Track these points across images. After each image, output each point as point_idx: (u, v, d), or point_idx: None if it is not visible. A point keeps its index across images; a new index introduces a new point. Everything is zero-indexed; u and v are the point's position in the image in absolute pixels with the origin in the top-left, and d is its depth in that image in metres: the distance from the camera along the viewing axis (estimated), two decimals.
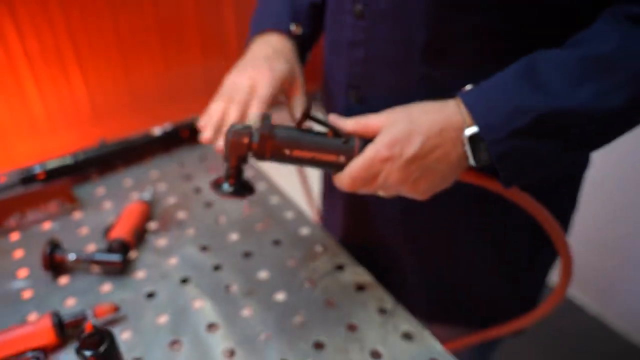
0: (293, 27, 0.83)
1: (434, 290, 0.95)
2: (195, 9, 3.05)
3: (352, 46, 0.77)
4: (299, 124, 0.66)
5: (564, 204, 0.87)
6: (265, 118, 0.66)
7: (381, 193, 0.67)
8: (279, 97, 0.75)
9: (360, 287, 0.85)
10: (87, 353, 0.63)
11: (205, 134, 0.71)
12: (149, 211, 1.00)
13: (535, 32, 0.66)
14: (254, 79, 0.72)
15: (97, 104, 2.97)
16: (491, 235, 0.87)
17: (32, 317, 0.81)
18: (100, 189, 1.08)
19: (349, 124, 0.66)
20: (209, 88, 1.65)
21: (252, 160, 0.68)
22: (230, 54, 3.29)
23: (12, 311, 0.82)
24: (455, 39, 0.69)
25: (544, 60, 0.61)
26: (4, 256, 0.93)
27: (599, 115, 0.59)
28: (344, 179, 0.65)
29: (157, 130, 1.17)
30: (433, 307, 0.97)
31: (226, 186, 0.68)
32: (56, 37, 2.71)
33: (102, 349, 0.63)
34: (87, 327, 0.63)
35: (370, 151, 0.63)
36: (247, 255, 0.92)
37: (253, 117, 0.69)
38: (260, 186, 1.09)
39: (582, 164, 0.86)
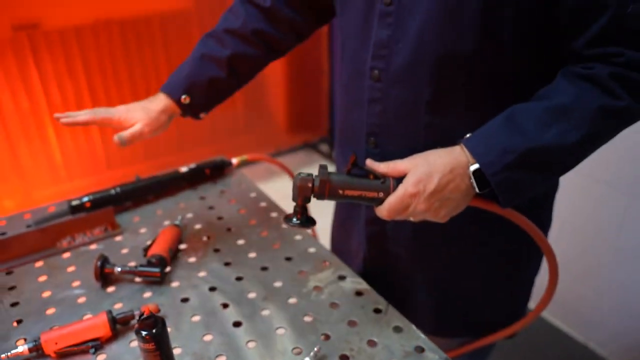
0: (183, 97, 1.09)
1: (442, 307, 1.13)
2: None
3: (371, 103, 0.98)
4: (348, 170, 0.87)
5: (543, 220, 1.07)
6: (322, 167, 0.87)
7: (411, 219, 0.87)
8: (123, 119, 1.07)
9: (359, 293, 1.02)
10: (144, 332, 0.80)
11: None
12: (181, 234, 1.18)
13: (512, 85, 0.89)
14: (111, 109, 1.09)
15: (111, 152, 3.17)
16: (491, 249, 1.06)
17: (88, 316, 0.98)
18: (136, 217, 1.27)
19: (382, 167, 0.87)
20: (215, 136, 1.84)
21: (261, 195, 0.87)
22: (237, 105, 3.53)
23: (71, 312, 1.00)
24: (452, 95, 0.90)
25: (519, 111, 0.83)
26: (60, 271, 1.11)
27: (564, 149, 0.80)
28: (383, 211, 0.85)
29: (183, 168, 1.37)
30: (441, 323, 1.14)
31: (295, 220, 0.89)
32: (77, 87, 2.93)
33: (155, 330, 0.80)
34: (146, 310, 0.80)
35: (401, 189, 0.83)
36: (264, 269, 1.10)
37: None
38: (273, 215, 1.28)
39: (554, 186, 1.08)
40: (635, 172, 1.84)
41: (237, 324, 0.96)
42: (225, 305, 1.00)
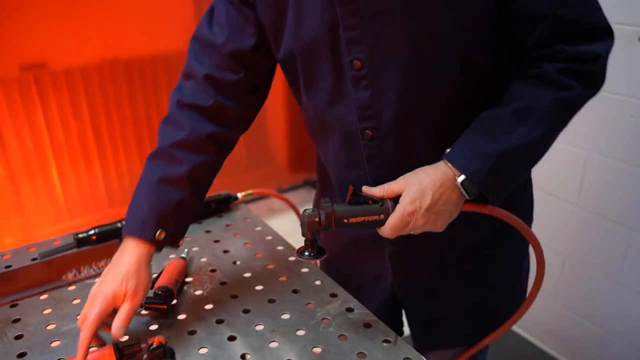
0: (158, 234, 0.98)
1: (473, 317, 1.18)
2: None
3: (370, 160, 1.01)
4: (348, 200, 0.91)
5: (524, 207, 1.18)
6: (326, 201, 0.91)
7: (412, 232, 0.92)
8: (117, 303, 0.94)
9: (367, 325, 1.01)
10: None
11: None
12: (187, 267, 1.18)
13: (495, 99, 0.93)
14: (99, 297, 0.93)
15: (113, 191, 3.18)
16: (482, 248, 1.12)
17: (93, 349, 0.97)
18: None
19: (378, 191, 0.92)
20: (217, 176, 1.83)
21: (266, 229, 0.89)
22: (239, 144, 3.55)
23: (76, 345, 0.97)
24: (445, 132, 0.95)
25: (487, 121, 0.91)
26: (65, 303, 1.10)
27: (532, 144, 0.90)
28: (386, 231, 0.90)
29: None
30: (474, 333, 1.19)
31: (307, 253, 0.94)
32: (81, 127, 2.96)
33: None
34: (156, 340, 0.79)
35: (400, 208, 0.88)
36: (271, 301, 1.09)
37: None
38: (279, 248, 1.27)
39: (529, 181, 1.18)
40: (636, 206, 1.85)
41: (244, 356, 0.95)
42: (232, 338, 0.99)
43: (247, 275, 1.18)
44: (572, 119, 0.94)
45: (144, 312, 1.06)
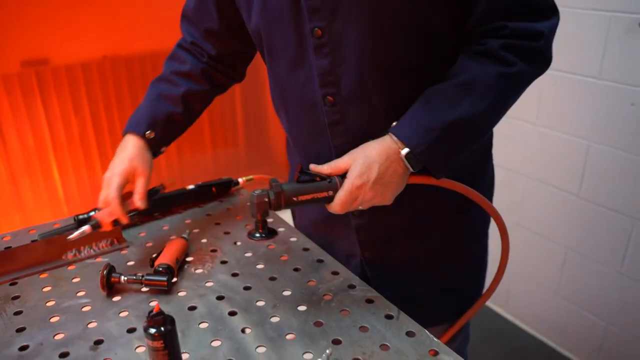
0: (147, 133, 1.16)
1: (440, 294, 1.18)
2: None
3: (332, 126, 1.03)
4: (296, 178, 0.94)
5: (484, 182, 1.17)
6: (274, 181, 0.93)
7: (361, 207, 0.95)
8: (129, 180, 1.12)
9: (369, 300, 1.01)
10: (152, 330, 0.78)
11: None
12: (187, 246, 1.17)
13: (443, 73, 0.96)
14: (114, 175, 1.10)
15: None
16: (445, 220, 1.14)
17: (93, 324, 0.96)
18: (142, 232, 1.26)
19: (325, 168, 0.95)
20: (218, 173, 1.84)
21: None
22: (239, 143, 3.56)
23: (75, 320, 0.98)
24: (403, 99, 0.97)
25: (433, 93, 0.94)
26: (65, 282, 1.09)
27: (477, 117, 0.92)
28: (335, 206, 0.94)
29: (190, 186, 1.37)
30: (442, 310, 1.20)
31: (257, 234, 0.99)
32: (82, 124, 2.96)
33: (164, 328, 0.79)
34: (155, 307, 0.79)
35: (348, 183, 0.92)
36: (272, 279, 1.08)
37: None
38: (280, 229, 1.27)
39: (486, 155, 1.17)
40: (638, 195, 1.85)
41: (245, 330, 0.94)
42: (233, 313, 0.99)
43: (248, 255, 1.17)
44: (519, 95, 0.97)
45: (144, 289, 1.06)
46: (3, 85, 2.73)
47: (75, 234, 1.08)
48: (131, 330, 0.95)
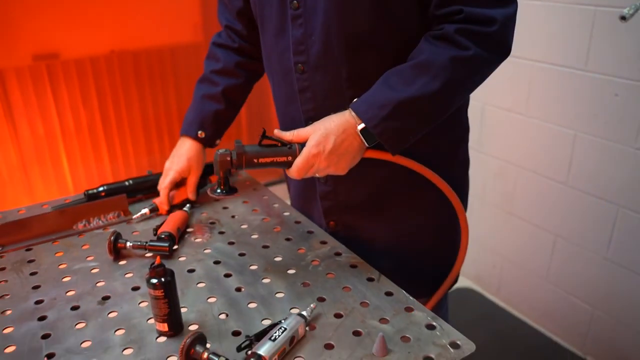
0: (199, 133, 1.33)
1: (400, 269, 1.21)
2: None
3: (302, 92, 1.13)
4: (259, 142, 1.02)
5: (458, 183, 1.21)
6: (237, 141, 1.02)
7: (317, 175, 1.03)
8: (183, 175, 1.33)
9: (353, 265, 1.10)
10: (154, 280, 0.87)
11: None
12: (188, 218, 1.27)
13: (407, 53, 1.04)
14: (171, 170, 1.32)
15: (120, 178, 3.27)
16: (404, 189, 1.19)
17: (101, 283, 1.06)
18: (146, 207, 1.35)
19: (288, 135, 1.04)
20: None
21: (264, 190, 0.97)
22: (241, 135, 3.65)
23: (85, 280, 1.07)
24: (365, 70, 1.06)
25: (391, 73, 1.01)
26: (75, 248, 1.19)
27: (429, 96, 0.98)
28: (293, 172, 1.02)
29: None
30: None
31: (219, 190, 1.05)
32: (90, 115, 3.06)
33: (164, 279, 0.88)
34: (157, 260, 0.88)
35: (305, 151, 1.00)
36: (265, 247, 1.18)
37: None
38: (275, 205, 1.36)
39: (457, 141, 1.23)
40: (622, 183, 1.92)
41: (239, 289, 1.03)
42: (228, 275, 1.08)
43: (244, 226, 1.27)
44: (477, 80, 1.03)
45: (148, 254, 1.15)
46: (15, 77, 2.84)
47: (137, 215, 1.30)
48: (135, 289, 1.04)
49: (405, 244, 1.24)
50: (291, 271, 1.09)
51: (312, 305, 0.94)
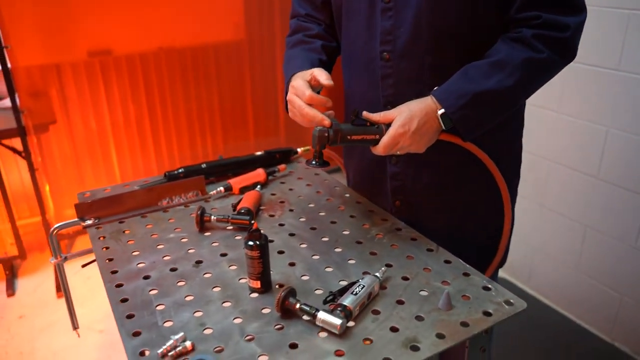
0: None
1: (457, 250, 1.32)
2: (251, 95, 3.59)
3: (384, 79, 1.25)
4: (352, 121, 1.14)
5: (511, 175, 1.33)
6: (333, 120, 1.13)
7: (398, 152, 1.15)
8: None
9: (413, 239, 1.24)
10: (251, 242, 1.02)
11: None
12: (261, 197, 1.42)
13: (484, 48, 1.16)
14: (298, 84, 1.20)
15: (164, 169, 3.43)
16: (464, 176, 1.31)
17: (192, 251, 1.21)
18: (221, 189, 1.50)
19: (375, 116, 1.16)
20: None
21: (324, 174, 1.12)
22: (279, 131, 3.81)
23: (177, 248, 1.23)
24: (447, 60, 1.18)
25: (470, 67, 1.14)
26: (163, 222, 1.34)
27: (502, 91, 1.11)
28: (379, 148, 1.13)
29: (258, 153, 1.61)
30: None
31: (314, 162, 1.17)
32: (138, 109, 3.23)
33: (260, 242, 1.02)
34: (255, 225, 1.03)
35: (392, 130, 1.11)
36: (332, 222, 1.32)
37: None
38: (336, 187, 1.50)
39: (514, 138, 1.36)
40: None
41: (314, 256, 1.18)
42: (303, 245, 1.22)
43: (311, 205, 1.41)
44: (544, 80, 1.15)
45: (229, 227, 1.30)
46: (71, 72, 3.02)
47: (213, 192, 1.44)
48: (223, 255, 1.19)
49: (455, 227, 1.36)
50: (359, 242, 1.23)
51: (382, 269, 1.08)
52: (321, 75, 1.17)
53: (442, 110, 1.12)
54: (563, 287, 2.50)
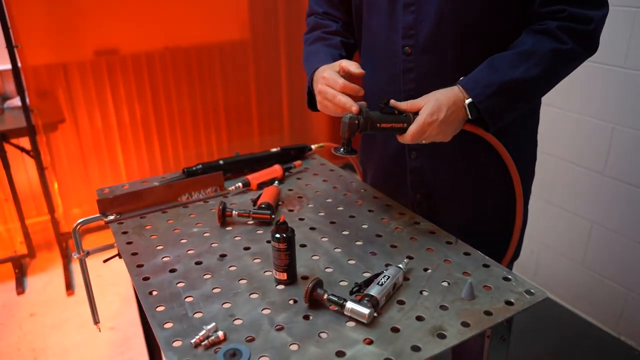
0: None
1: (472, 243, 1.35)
2: (256, 94, 3.61)
3: (405, 73, 1.28)
4: (380, 109, 1.16)
5: (526, 167, 1.39)
6: (364, 108, 1.14)
7: (425, 141, 1.16)
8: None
9: (432, 232, 1.26)
10: (278, 235, 1.04)
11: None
12: (280, 192, 1.44)
13: (507, 41, 1.19)
14: (330, 75, 1.20)
15: (170, 170, 3.46)
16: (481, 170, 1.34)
17: (215, 245, 1.23)
18: (239, 185, 1.52)
19: (403, 105, 1.17)
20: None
21: (339, 170, 1.14)
22: (283, 130, 3.83)
23: (200, 242, 1.25)
24: (469, 54, 1.20)
25: (497, 58, 1.16)
26: (184, 217, 1.37)
27: (529, 81, 1.13)
28: (407, 136, 1.14)
29: (273, 149, 1.64)
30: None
31: (342, 150, 1.16)
32: (144, 111, 3.25)
33: (286, 235, 1.05)
34: (281, 218, 1.05)
35: (420, 119, 1.13)
36: (351, 217, 1.34)
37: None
38: (352, 183, 1.53)
39: (532, 126, 1.41)
40: None
41: (336, 249, 1.20)
42: (324, 239, 1.25)
43: (329, 200, 1.43)
44: (567, 71, 1.18)
45: (250, 222, 1.32)
46: (78, 71, 3.03)
47: (232, 187, 1.46)
48: (246, 248, 1.21)
49: (470, 220, 1.39)
50: (379, 236, 1.25)
51: (405, 260, 1.11)
52: (351, 65, 1.19)
53: (470, 100, 1.14)
54: (569, 282, 2.53)
